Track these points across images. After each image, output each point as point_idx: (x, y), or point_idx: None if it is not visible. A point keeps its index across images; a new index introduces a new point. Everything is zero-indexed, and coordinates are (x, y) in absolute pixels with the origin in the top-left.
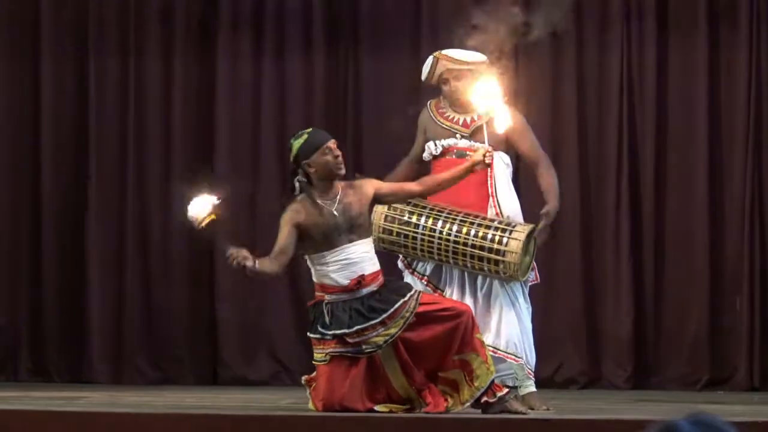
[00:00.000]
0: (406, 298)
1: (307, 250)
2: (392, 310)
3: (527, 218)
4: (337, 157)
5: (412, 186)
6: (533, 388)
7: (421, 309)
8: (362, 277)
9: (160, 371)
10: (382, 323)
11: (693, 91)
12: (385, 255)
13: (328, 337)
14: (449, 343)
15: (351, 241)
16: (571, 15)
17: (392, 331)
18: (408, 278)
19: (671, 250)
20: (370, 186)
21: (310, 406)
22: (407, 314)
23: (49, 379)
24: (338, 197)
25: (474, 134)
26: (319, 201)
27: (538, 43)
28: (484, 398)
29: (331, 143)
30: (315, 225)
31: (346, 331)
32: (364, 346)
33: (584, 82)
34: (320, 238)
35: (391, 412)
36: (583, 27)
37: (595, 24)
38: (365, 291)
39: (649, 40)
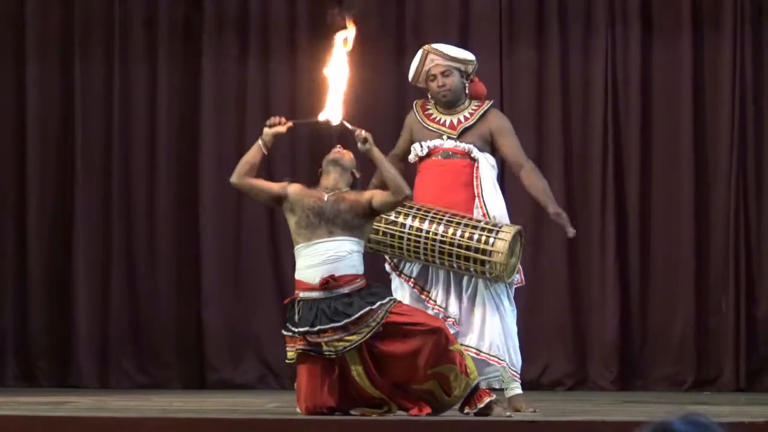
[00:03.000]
0: (374, 307)
1: (293, 235)
2: (355, 316)
3: (513, 219)
4: (333, 150)
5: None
6: (519, 390)
7: (393, 319)
8: (332, 277)
9: (147, 375)
10: (344, 328)
11: (677, 93)
12: (374, 257)
13: (296, 335)
14: (418, 360)
15: (330, 234)
16: (557, 18)
17: (354, 338)
18: (395, 281)
19: (657, 251)
20: (370, 194)
21: (298, 408)
22: (373, 323)
23: (35, 383)
24: (337, 192)
25: (461, 135)
26: (318, 188)
27: (522, 45)
28: (466, 408)
29: (338, 147)
30: (302, 201)
31: (308, 329)
32: (324, 348)
33: (569, 85)
34: (303, 215)
35: (363, 415)
36: (568, 30)
37: (579, 27)
38: (336, 292)
39: (633, 42)
